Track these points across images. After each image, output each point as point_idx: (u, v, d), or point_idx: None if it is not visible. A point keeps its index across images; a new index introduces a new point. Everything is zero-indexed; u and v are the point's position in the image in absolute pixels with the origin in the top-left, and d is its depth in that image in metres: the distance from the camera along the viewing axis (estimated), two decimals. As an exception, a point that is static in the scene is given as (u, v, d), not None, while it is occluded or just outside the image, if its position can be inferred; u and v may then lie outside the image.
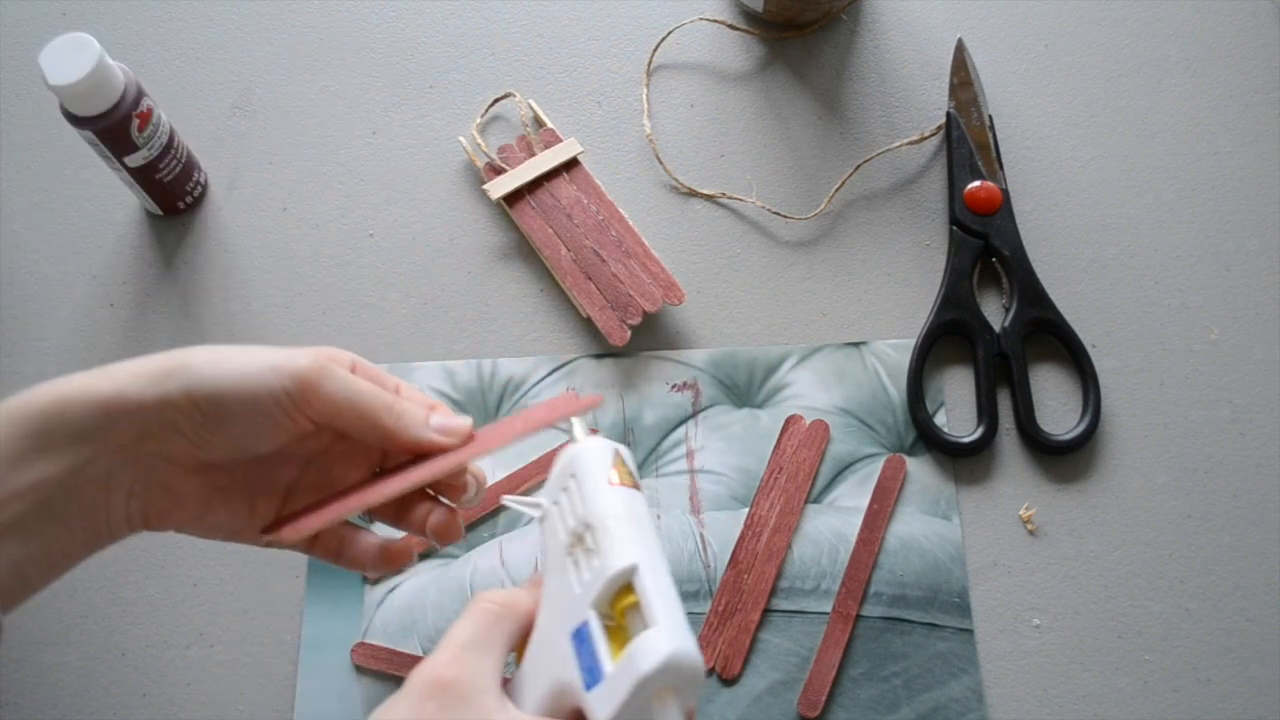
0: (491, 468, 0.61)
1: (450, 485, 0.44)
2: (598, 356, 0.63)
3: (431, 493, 0.45)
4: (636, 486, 0.41)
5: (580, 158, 0.67)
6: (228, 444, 0.41)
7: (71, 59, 0.57)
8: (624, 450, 0.42)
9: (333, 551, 0.46)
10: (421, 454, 0.44)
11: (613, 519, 0.38)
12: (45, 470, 0.38)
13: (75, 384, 0.39)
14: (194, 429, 0.40)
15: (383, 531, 0.46)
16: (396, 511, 0.45)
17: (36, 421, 0.38)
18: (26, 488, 0.37)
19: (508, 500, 0.44)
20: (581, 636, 0.37)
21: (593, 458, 0.41)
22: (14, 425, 0.37)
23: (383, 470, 0.47)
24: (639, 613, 0.37)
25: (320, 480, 0.46)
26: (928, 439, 0.60)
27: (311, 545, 0.45)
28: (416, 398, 0.45)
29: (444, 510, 0.44)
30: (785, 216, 0.66)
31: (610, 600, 0.38)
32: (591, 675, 0.36)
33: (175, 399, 0.39)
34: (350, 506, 0.42)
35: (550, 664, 0.38)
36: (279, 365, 0.41)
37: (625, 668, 0.35)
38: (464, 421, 0.44)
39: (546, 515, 0.42)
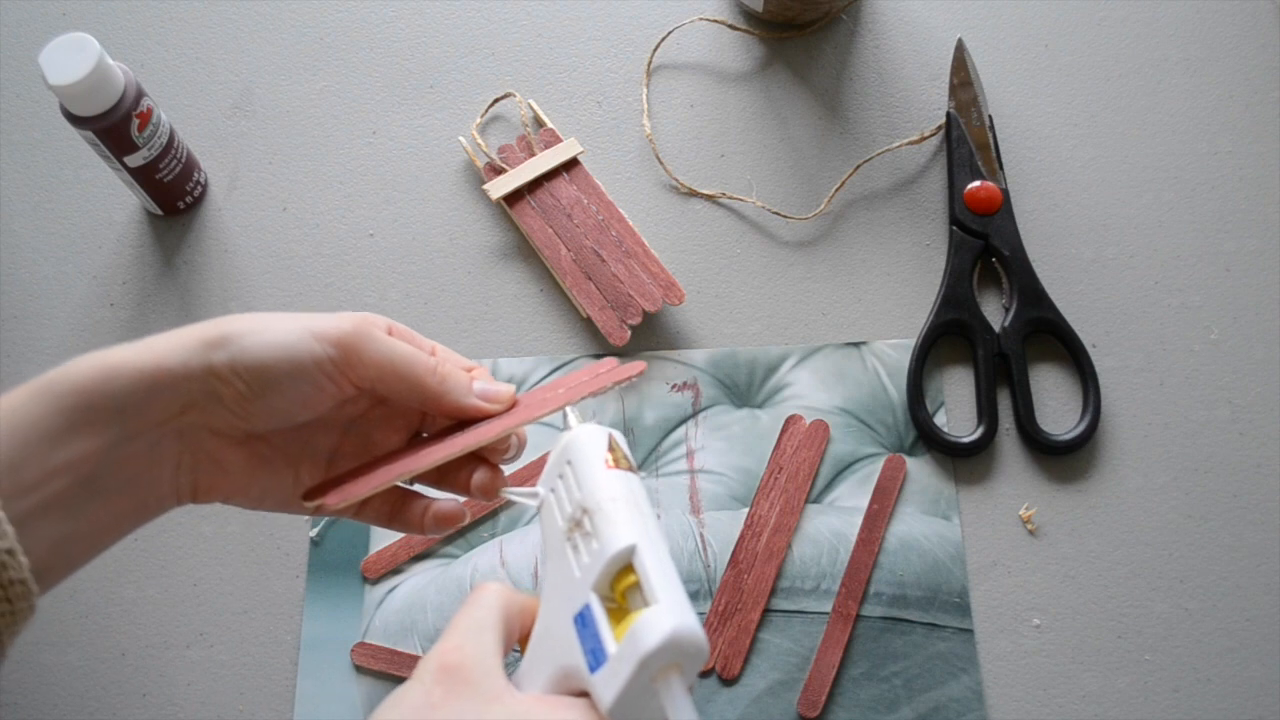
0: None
1: (491, 446, 0.44)
2: (598, 356, 0.63)
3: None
4: (632, 469, 0.41)
5: (580, 158, 0.67)
6: (271, 414, 0.41)
7: (71, 59, 0.57)
8: (617, 435, 0.42)
9: (385, 516, 0.46)
10: (463, 419, 0.44)
11: (609, 501, 0.39)
12: (86, 446, 0.37)
13: (114, 357, 0.38)
14: (237, 400, 0.40)
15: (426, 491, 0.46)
16: (438, 473, 0.44)
17: (75, 397, 0.37)
18: (67, 464, 0.37)
19: (506, 492, 0.44)
20: (584, 619, 0.37)
21: (587, 443, 0.41)
22: (52, 401, 0.37)
23: (423, 434, 0.47)
24: (640, 592, 0.37)
25: (361, 445, 0.46)
26: (928, 439, 0.60)
27: (360, 510, 0.45)
28: (454, 359, 0.45)
29: (487, 468, 0.44)
30: (785, 216, 0.66)
31: (610, 582, 0.38)
32: (595, 657, 0.37)
33: (219, 370, 0.39)
34: (395, 474, 0.43)
35: (554, 649, 0.39)
36: (321, 331, 0.40)
37: (628, 647, 0.35)
38: (507, 388, 0.45)
39: (544, 503, 0.42)
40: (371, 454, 0.45)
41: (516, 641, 0.41)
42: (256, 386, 0.40)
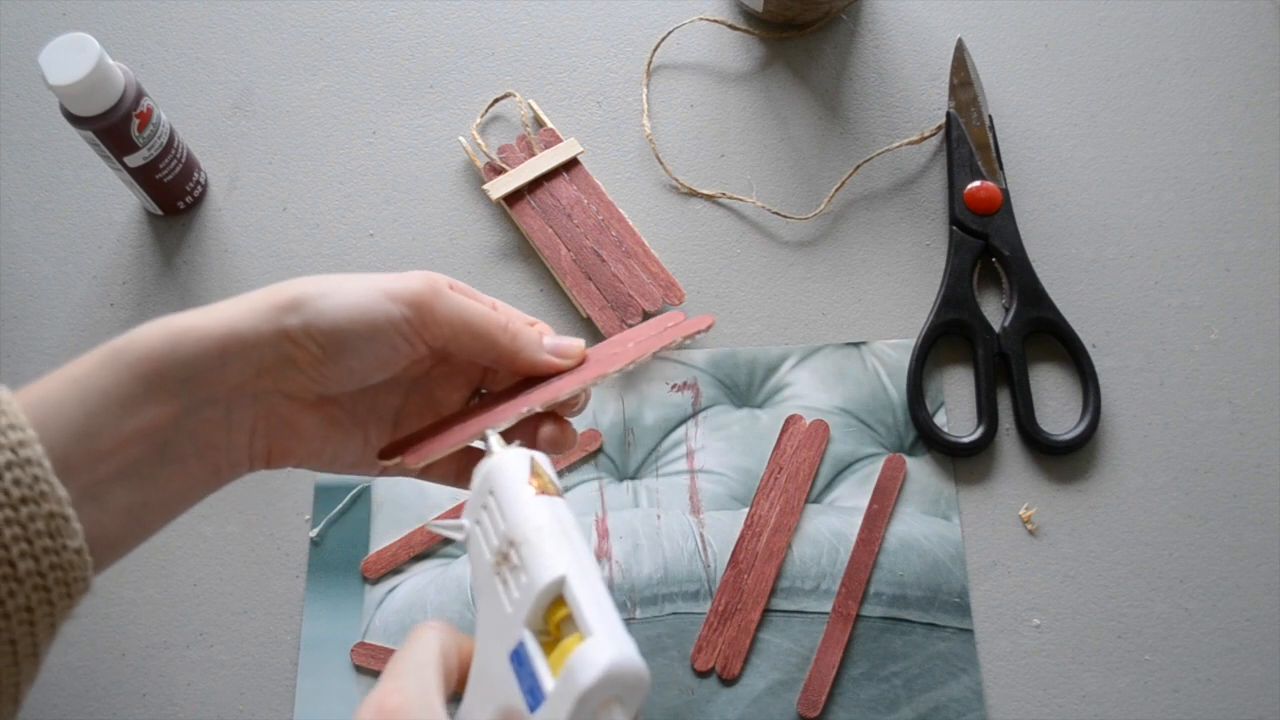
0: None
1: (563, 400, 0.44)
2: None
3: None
4: (558, 493, 0.40)
5: (580, 158, 0.67)
6: (346, 376, 0.41)
7: (71, 59, 0.57)
8: (540, 457, 0.41)
9: (453, 475, 0.46)
10: (533, 375, 0.44)
11: (535, 531, 0.37)
12: (158, 412, 0.37)
13: (183, 323, 0.38)
14: (312, 363, 0.40)
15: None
16: (504, 430, 0.44)
17: (145, 364, 0.37)
18: (139, 431, 0.37)
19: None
20: (519, 657, 0.36)
21: (509, 470, 0.40)
22: (122, 368, 0.36)
23: (483, 391, 0.46)
24: (574, 624, 0.36)
25: (425, 404, 0.46)
26: (928, 439, 0.60)
27: (428, 470, 0.45)
28: (516, 315, 0.45)
29: (555, 423, 0.45)
30: (785, 216, 0.66)
31: (543, 615, 0.37)
32: (534, 696, 0.35)
33: (293, 334, 0.39)
34: (471, 431, 0.42)
35: (492, 689, 0.37)
36: (394, 291, 0.40)
37: (565, 684, 0.34)
38: (577, 343, 0.45)
39: (470, 536, 0.40)
40: (436, 412, 0.46)
41: (457, 681, 0.39)
42: (332, 349, 0.40)
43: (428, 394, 0.46)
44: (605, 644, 0.34)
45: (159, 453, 0.38)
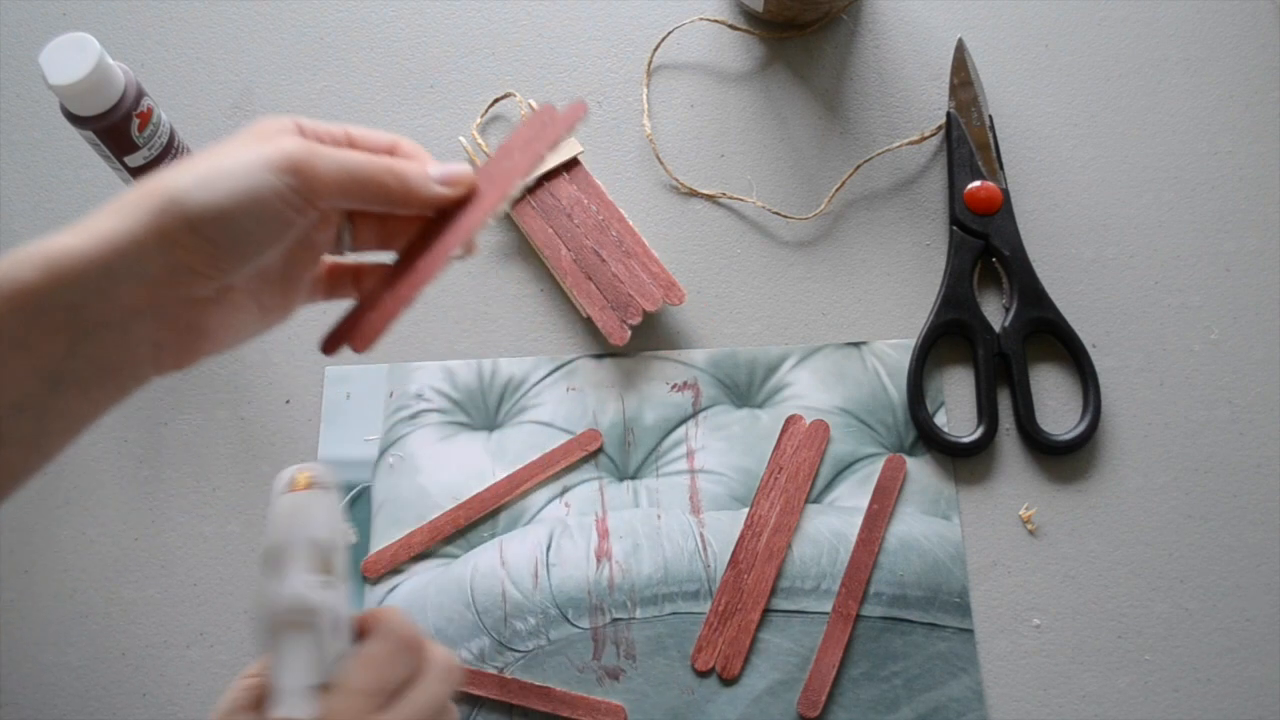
0: (492, 468, 0.61)
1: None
2: (598, 356, 0.63)
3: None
4: (311, 489, 0.42)
5: (580, 158, 0.67)
6: (243, 261, 0.39)
7: (71, 59, 0.57)
8: (292, 475, 0.42)
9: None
10: (427, 211, 0.43)
11: (294, 544, 0.41)
12: (47, 347, 0.36)
13: (57, 249, 0.36)
14: (206, 261, 0.37)
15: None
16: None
17: (21, 299, 0.35)
18: (29, 369, 0.35)
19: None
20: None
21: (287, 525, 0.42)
22: (1, 304, 0.35)
23: (407, 247, 0.45)
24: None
25: (305, 251, 0.43)
26: (928, 439, 0.60)
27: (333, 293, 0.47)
28: (372, 139, 0.43)
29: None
30: (785, 216, 0.66)
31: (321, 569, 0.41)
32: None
33: (179, 237, 0.37)
34: (406, 296, 0.42)
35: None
36: (271, 161, 0.38)
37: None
38: (464, 167, 0.43)
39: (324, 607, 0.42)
40: (315, 254, 0.44)
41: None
42: (224, 241, 0.37)
43: (305, 241, 0.43)
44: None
45: (56, 383, 0.36)
